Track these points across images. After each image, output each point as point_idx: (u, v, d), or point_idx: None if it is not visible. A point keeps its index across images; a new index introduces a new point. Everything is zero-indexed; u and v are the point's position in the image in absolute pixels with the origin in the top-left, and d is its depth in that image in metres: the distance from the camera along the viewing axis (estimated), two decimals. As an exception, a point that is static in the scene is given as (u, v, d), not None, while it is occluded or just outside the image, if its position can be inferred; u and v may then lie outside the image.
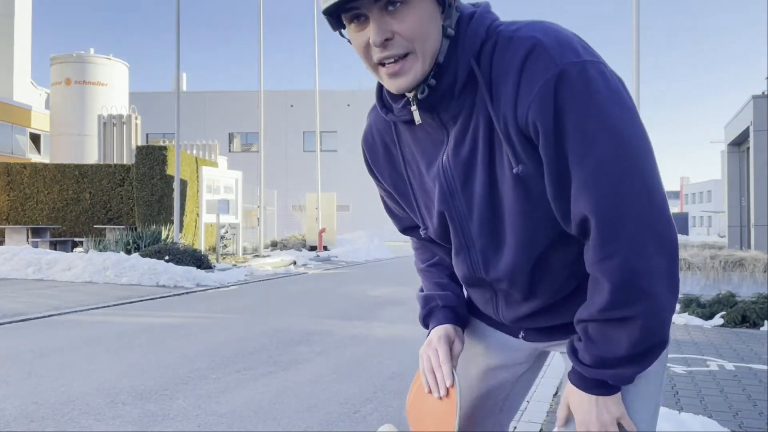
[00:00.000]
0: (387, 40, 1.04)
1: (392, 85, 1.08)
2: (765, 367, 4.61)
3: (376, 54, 1.06)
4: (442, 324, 1.33)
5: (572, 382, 1.15)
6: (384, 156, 1.29)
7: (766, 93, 26.95)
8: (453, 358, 1.27)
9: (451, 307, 1.35)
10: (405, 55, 1.05)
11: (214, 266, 13.07)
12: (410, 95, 1.11)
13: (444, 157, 1.15)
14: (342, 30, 1.10)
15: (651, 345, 1.07)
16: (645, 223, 0.99)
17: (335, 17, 1.07)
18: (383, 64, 1.07)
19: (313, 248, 21.14)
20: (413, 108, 1.12)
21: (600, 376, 1.10)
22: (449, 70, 1.08)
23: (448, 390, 1.23)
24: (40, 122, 28.23)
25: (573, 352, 1.14)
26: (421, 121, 1.14)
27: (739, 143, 22.25)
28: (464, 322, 1.37)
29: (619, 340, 1.05)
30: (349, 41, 1.09)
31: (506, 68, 1.03)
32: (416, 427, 1.28)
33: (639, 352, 1.06)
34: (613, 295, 1.02)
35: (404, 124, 1.20)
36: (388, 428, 1.33)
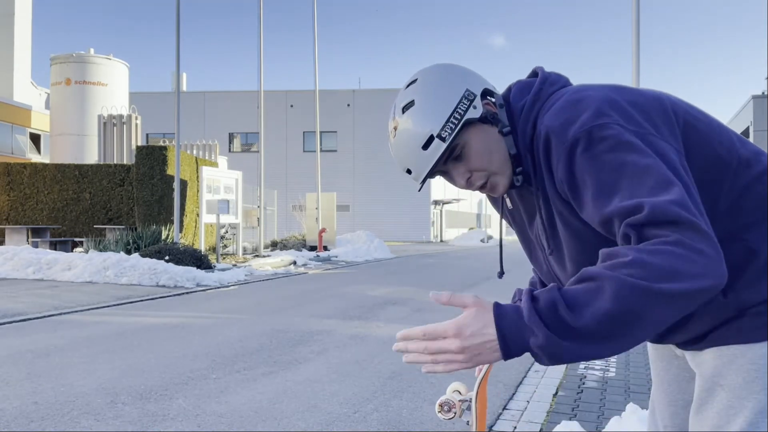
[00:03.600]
0: (468, 178, 1.30)
1: (493, 195, 1.36)
2: None
3: (471, 188, 1.32)
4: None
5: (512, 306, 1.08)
6: (497, 203, 1.54)
7: (766, 93, 26.96)
8: None
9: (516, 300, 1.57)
10: (488, 177, 1.30)
11: (214, 266, 13.07)
12: None
13: (537, 218, 1.35)
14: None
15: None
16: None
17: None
18: (480, 188, 1.32)
19: (313, 248, 21.13)
20: (506, 197, 1.42)
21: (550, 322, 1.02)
22: (524, 157, 1.30)
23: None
24: (40, 122, 28.20)
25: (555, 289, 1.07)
26: (512, 206, 1.44)
27: (739, 143, 22.17)
28: None
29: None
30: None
31: (541, 155, 1.25)
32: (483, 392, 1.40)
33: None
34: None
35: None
36: (456, 386, 1.40)
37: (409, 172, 1.30)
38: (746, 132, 26.41)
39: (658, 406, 1.46)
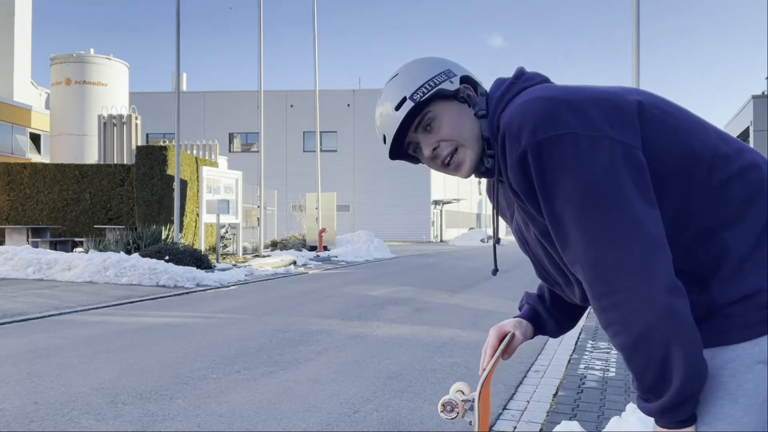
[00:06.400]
0: (435, 149, 1.33)
1: (459, 175, 1.35)
2: None
3: (437, 160, 1.34)
4: (517, 317, 1.58)
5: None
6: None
7: (766, 93, 27.01)
8: (511, 348, 1.49)
9: (531, 306, 1.58)
10: (455, 150, 1.32)
11: (214, 266, 13.07)
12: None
13: (517, 213, 1.40)
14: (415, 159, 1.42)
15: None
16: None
17: (405, 156, 1.41)
18: (447, 165, 1.34)
19: (313, 248, 21.13)
20: (478, 180, 1.46)
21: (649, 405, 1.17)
22: (495, 149, 1.32)
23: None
24: (40, 122, 28.22)
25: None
26: (484, 193, 1.48)
27: (739, 143, 22.12)
28: (539, 321, 1.57)
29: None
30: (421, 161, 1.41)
31: (499, 152, 1.28)
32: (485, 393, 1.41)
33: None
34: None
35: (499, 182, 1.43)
36: (460, 386, 1.41)
37: (384, 140, 1.38)
38: (746, 132, 26.42)
39: None
